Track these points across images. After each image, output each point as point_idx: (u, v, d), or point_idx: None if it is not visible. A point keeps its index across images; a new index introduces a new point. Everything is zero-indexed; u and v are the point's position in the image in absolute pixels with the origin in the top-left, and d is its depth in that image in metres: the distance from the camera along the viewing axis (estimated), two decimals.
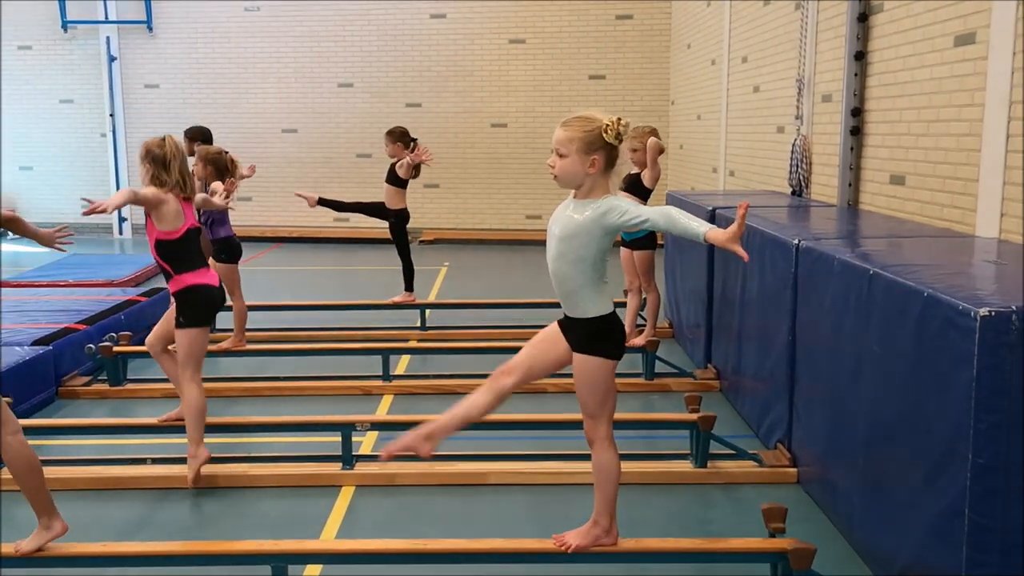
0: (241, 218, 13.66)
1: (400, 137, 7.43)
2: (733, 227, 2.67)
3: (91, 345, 5.65)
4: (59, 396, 5.45)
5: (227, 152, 5.91)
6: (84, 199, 3.74)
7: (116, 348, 5.61)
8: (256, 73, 13.47)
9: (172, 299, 4.23)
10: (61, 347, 5.56)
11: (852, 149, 5.75)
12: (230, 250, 6.12)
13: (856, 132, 5.72)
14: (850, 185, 5.78)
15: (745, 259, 2.63)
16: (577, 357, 2.97)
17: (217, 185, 5.40)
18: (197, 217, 4.36)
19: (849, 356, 3.50)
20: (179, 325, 4.14)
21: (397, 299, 7.54)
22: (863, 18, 5.63)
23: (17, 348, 5.33)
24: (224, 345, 6.07)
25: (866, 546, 3.37)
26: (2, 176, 13.22)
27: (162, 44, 13.52)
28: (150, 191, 4.05)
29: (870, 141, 5.64)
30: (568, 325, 3.00)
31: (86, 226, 13.98)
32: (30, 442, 3.75)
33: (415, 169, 7.38)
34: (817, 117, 6.56)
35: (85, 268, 8.80)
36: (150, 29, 13.46)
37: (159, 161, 4.08)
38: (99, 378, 5.65)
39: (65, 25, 13.51)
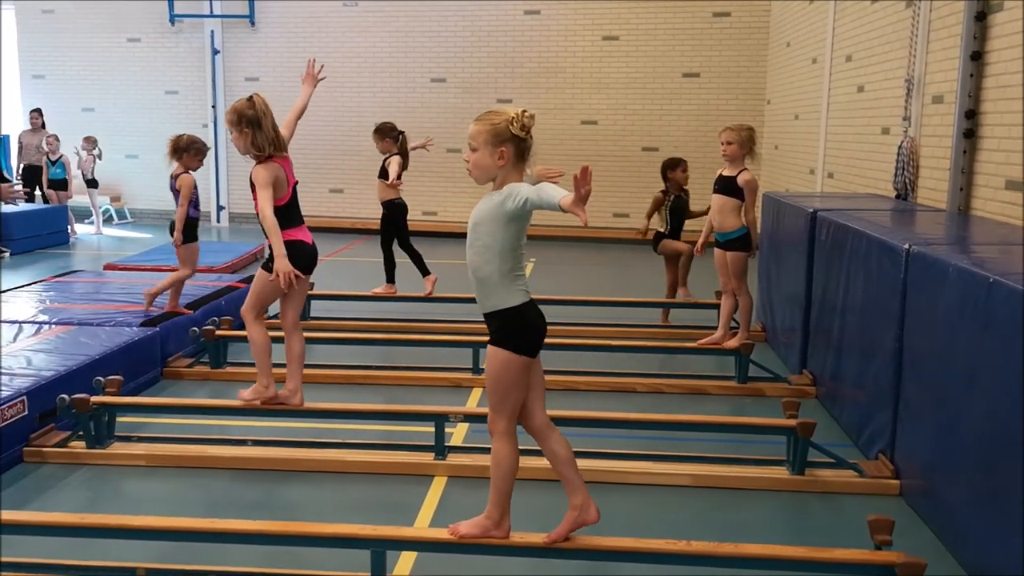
0: (332, 209, 14.01)
1: (388, 133, 7.62)
2: (575, 194, 2.65)
3: (195, 328, 5.84)
4: (164, 376, 5.65)
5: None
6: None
7: (218, 332, 5.79)
8: (352, 68, 13.71)
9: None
10: (167, 329, 5.76)
11: (965, 152, 5.52)
12: (191, 230, 6.11)
13: (970, 135, 5.49)
14: (961, 189, 5.55)
15: (584, 223, 2.58)
16: (489, 348, 3.00)
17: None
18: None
19: (963, 365, 3.36)
20: (265, 267, 4.24)
21: (378, 291, 7.60)
22: (981, 17, 5.40)
23: (127, 329, 5.55)
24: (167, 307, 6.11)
25: (976, 563, 3.24)
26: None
27: (263, 38, 13.90)
28: (267, 183, 4.09)
29: (985, 144, 5.41)
30: (486, 320, 3.04)
31: None
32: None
33: (404, 164, 7.70)
34: (927, 119, 6.33)
35: None
36: (252, 24, 13.84)
37: (254, 122, 4.12)
38: (201, 360, 5.84)
39: (172, 19, 14.03)
